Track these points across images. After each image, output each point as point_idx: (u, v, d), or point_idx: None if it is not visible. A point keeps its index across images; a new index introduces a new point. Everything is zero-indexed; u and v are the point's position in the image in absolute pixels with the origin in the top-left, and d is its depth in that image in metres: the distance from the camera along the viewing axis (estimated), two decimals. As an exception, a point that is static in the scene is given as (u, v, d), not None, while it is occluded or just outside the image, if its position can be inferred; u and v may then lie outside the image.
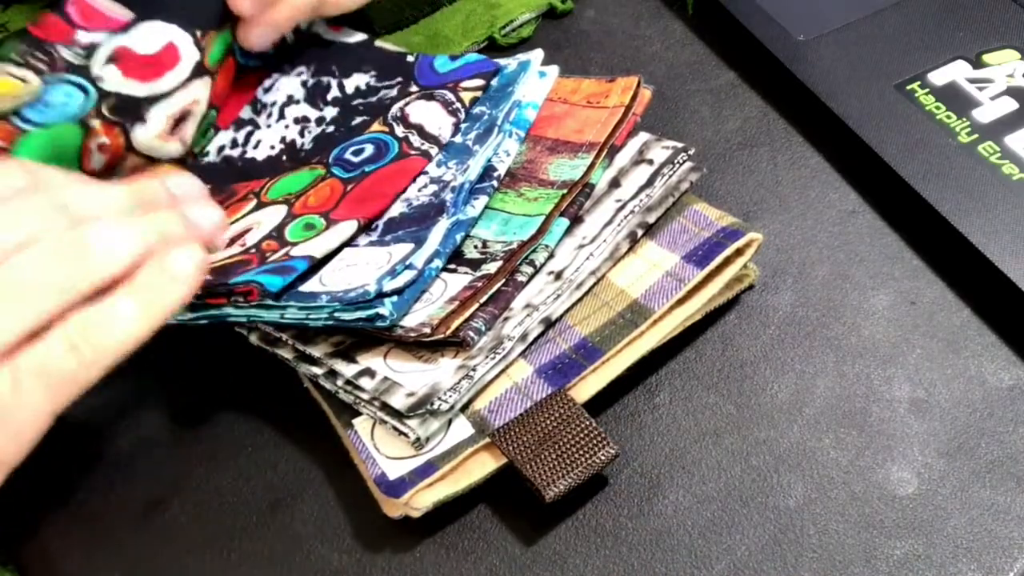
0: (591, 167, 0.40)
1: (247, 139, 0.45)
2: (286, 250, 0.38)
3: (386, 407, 0.35)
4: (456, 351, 0.36)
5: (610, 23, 0.55)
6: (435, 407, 0.34)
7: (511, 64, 0.44)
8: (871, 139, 0.45)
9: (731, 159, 0.47)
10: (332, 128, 0.44)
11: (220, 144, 0.45)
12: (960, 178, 0.43)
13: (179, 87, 0.42)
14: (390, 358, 0.36)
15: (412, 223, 0.38)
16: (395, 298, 0.35)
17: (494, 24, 0.54)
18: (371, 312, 0.35)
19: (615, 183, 0.41)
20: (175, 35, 0.42)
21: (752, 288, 0.42)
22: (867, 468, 0.36)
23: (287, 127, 0.45)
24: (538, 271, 0.38)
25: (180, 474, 0.39)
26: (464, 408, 0.36)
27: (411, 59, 0.45)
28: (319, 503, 0.38)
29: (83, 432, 0.41)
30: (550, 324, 0.38)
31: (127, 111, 0.41)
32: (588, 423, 0.35)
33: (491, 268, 0.37)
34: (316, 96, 0.45)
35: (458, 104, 0.43)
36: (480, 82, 0.43)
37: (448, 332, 0.35)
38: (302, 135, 0.44)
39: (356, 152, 0.42)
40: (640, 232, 0.40)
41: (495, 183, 0.40)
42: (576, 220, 0.40)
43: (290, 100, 0.45)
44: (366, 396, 0.35)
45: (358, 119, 0.44)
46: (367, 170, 0.41)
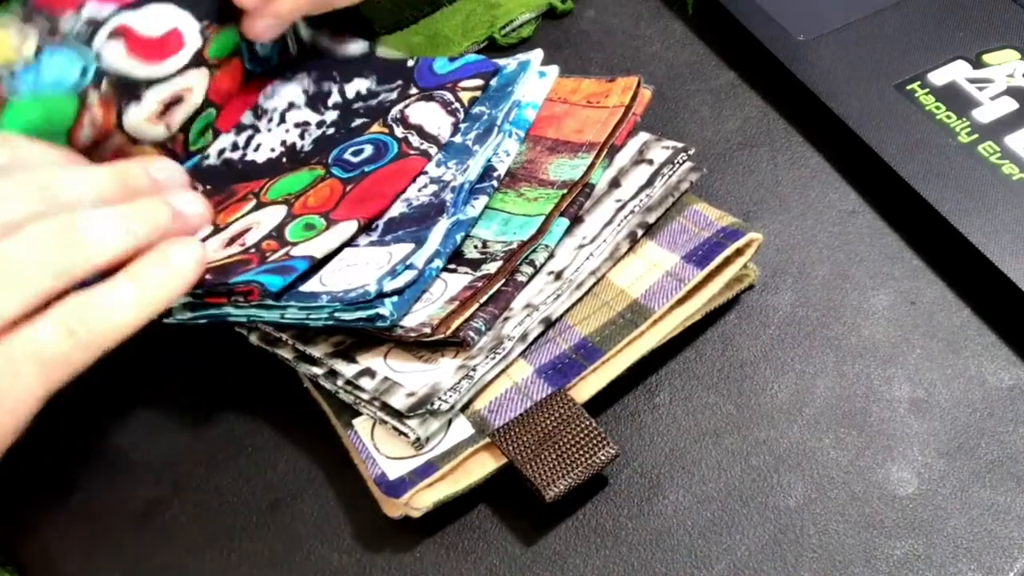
0: (591, 167, 0.40)
1: (247, 142, 0.45)
2: (286, 250, 0.38)
3: (386, 407, 0.35)
4: (456, 351, 0.36)
5: (610, 23, 0.55)
6: (435, 407, 0.34)
7: (510, 64, 0.44)
8: (871, 139, 0.45)
9: (731, 159, 0.47)
10: (332, 130, 0.44)
11: (220, 147, 0.45)
12: (960, 178, 0.43)
13: (176, 73, 0.42)
14: (390, 358, 0.36)
15: (412, 223, 0.38)
16: (395, 298, 0.35)
17: (494, 24, 0.54)
18: (371, 312, 0.35)
19: (615, 183, 0.41)
20: (182, 21, 0.41)
21: (752, 288, 0.42)
22: (867, 468, 0.36)
23: (287, 131, 0.45)
24: (538, 271, 0.38)
25: (180, 474, 0.39)
26: (464, 408, 0.36)
27: (411, 63, 0.45)
28: (319, 503, 0.38)
29: (83, 432, 0.41)
30: (550, 324, 0.38)
31: (124, 90, 0.40)
32: (588, 423, 0.35)
33: (491, 268, 0.37)
34: (317, 101, 0.45)
35: (457, 104, 0.43)
36: (479, 82, 0.43)
37: (448, 332, 0.35)
38: (302, 138, 0.44)
39: (355, 152, 0.42)
40: (640, 232, 0.40)
41: (495, 183, 0.40)
42: (576, 220, 0.40)
43: (291, 106, 0.45)
44: (366, 396, 0.35)
45: (358, 121, 0.44)
46: (366, 170, 0.41)
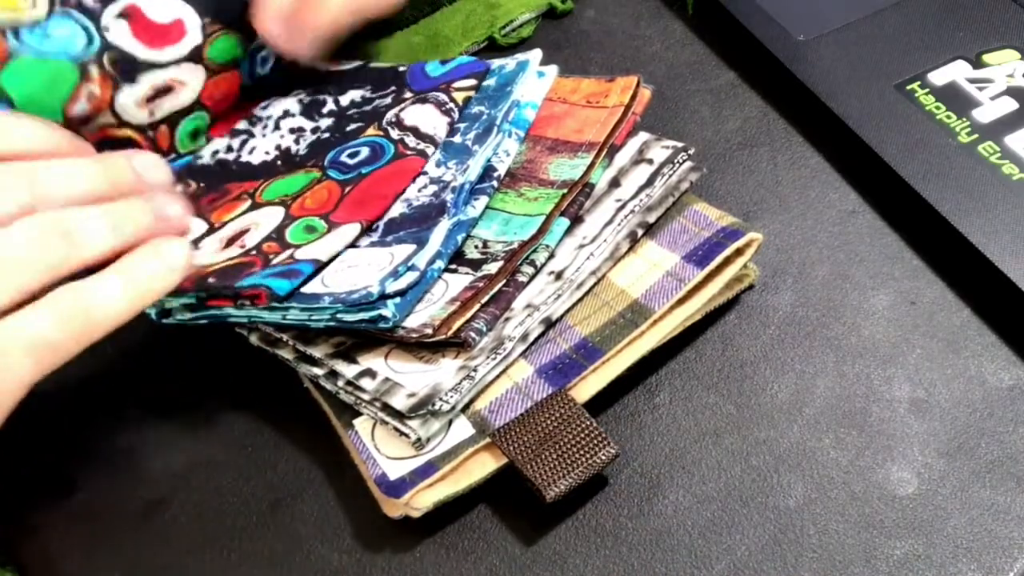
0: (591, 167, 0.40)
1: (242, 145, 0.45)
2: (289, 252, 0.38)
3: (387, 408, 0.35)
4: (457, 351, 0.36)
5: (610, 23, 0.55)
6: (436, 407, 0.34)
7: (509, 64, 0.44)
8: (871, 139, 0.45)
9: (731, 159, 0.47)
10: (327, 135, 0.44)
11: (214, 148, 0.45)
12: (960, 178, 0.43)
13: (172, 63, 0.42)
14: (391, 359, 0.36)
15: (413, 224, 0.38)
16: (398, 300, 0.35)
17: (494, 24, 0.54)
18: (374, 314, 0.35)
19: (615, 183, 0.41)
20: (187, 14, 0.42)
21: (752, 288, 0.42)
22: (867, 468, 0.36)
23: (282, 136, 0.45)
24: (539, 271, 0.38)
25: (180, 474, 0.39)
26: (465, 408, 0.36)
27: (403, 69, 0.45)
28: (319, 503, 0.38)
29: (83, 432, 0.41)
30: (550, 324, 0.38)
31: (124, 69, 0.41)
32: (588, 423, 0.35)
33: (492, 268, 0.37)
34: (312, 110, 0.46)
35: (451, 104, 0.43)
36: (472, 82, 0.43)
37: (450, 333, 0.35)
38: (297, 143, 0.44)
39: (352, 155, 0.42)
40: (640, 232, 0.40)
41: (495, 183, 0.40)
42: (576, 220, 0.40)
43: (286, 114, 0.46)
44: (367, 397, 0.35)
45: (353, 125, 0.44)
46: (364, 172, 0.41)
